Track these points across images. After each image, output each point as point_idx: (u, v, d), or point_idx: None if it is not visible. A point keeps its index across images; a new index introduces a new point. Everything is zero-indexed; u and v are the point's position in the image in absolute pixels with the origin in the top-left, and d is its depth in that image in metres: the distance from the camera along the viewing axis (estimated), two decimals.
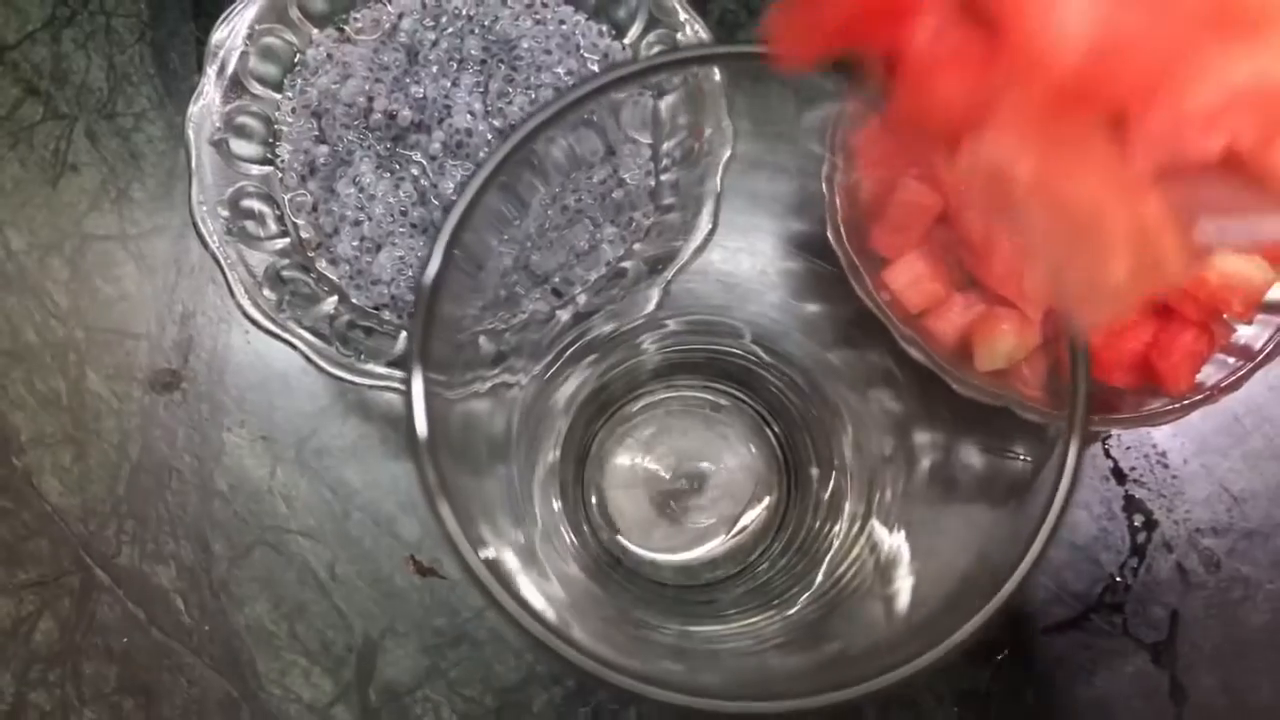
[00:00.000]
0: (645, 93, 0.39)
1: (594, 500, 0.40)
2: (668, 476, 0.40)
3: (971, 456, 0.28)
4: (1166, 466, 0.42)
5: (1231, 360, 0.37)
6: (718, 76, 0.36)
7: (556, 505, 0.38)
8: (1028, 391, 0.27)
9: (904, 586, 0.28)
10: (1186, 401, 0.37)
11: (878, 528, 0.32)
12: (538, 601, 0.19)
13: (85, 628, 0.41)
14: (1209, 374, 0.37)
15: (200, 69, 0.38)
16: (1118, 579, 0.41)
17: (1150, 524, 0.41)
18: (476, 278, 0.24)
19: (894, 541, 0.31)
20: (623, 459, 0.40)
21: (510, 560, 0.23)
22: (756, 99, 0.35)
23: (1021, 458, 0.25)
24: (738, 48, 0.22)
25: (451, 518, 0.19)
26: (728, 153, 0.35)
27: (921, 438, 0.32)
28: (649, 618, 0.35)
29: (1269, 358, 0.37)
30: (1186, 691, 0.40)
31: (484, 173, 0.20)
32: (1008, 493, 0.25)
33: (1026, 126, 0.16)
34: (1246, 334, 0.37)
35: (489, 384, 0.32)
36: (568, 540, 0.38)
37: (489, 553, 0.20)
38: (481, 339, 0.32)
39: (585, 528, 0.39)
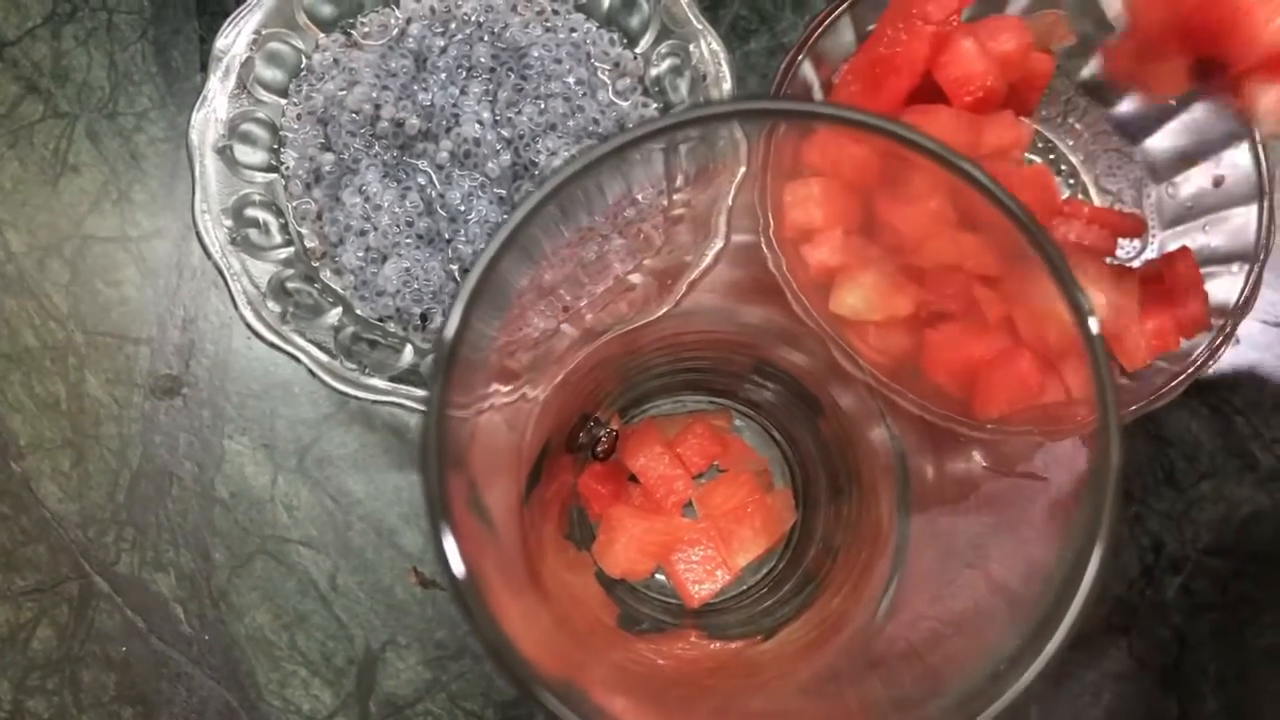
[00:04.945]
0: (652, 104, 0.39)
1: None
2: None
3: (988, 486, 0.28)
4: (1175, 488, 0.41)
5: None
6: (728, 89, 0.35)
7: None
8: (1045, 426, 0.26)
9: (915, 622, 0.28)
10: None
11: (887, 556, 0.32)
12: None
13: (84, 635, 0.40)
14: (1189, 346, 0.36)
15: (202, 68, 0.37)
16: (1125, 600, 0.41)
17: (1158, 545, 0.41)
18: (495, 304, 0.23)
19: (903, 571, 0.30)
20: None
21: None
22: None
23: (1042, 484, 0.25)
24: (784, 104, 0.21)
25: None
26: (742, 169, 0.35)
27: (931, 463, 0.32)
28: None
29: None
30: (1191, 714, 0.40)
31: (497, 242, 0.20)
32: (1031, 527, 0.25)
33: None
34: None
35: (496, 401, 0.31)
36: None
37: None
38: (491, 356, 0.31)
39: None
